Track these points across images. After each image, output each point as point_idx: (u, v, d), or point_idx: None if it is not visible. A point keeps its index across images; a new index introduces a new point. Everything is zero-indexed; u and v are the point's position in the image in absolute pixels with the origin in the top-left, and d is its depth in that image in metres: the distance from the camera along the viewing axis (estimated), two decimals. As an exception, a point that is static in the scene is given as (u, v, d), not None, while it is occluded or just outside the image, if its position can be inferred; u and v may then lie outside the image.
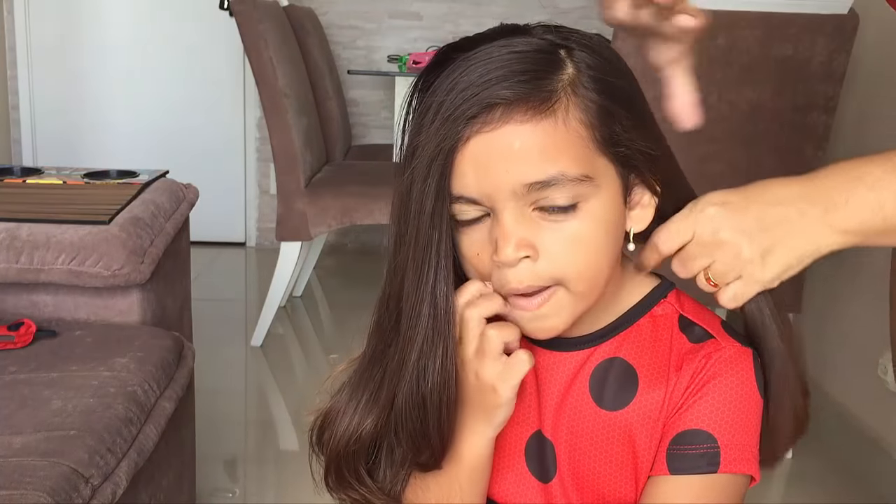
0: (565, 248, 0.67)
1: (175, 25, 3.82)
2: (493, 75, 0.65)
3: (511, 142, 0.65)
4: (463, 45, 0.68)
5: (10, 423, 1.10)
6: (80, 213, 1.51)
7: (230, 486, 1.98)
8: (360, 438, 0.75)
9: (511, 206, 0.66)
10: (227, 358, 2.67)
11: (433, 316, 0.70)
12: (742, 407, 0.71)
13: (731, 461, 0.70)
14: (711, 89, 1.95)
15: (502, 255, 0.67)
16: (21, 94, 3.84)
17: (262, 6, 2.63)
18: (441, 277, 0.69)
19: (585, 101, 0.67)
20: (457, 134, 0.65)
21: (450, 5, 3.85)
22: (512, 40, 0.68)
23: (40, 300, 1.48)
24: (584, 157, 0.66)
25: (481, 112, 0.65)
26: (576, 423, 0.76)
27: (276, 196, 2.70)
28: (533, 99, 0.65)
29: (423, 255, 0.69)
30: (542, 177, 0.65)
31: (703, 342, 0.73)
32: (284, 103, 2.59)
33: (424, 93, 0.69)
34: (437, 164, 0.66)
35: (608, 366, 0.75)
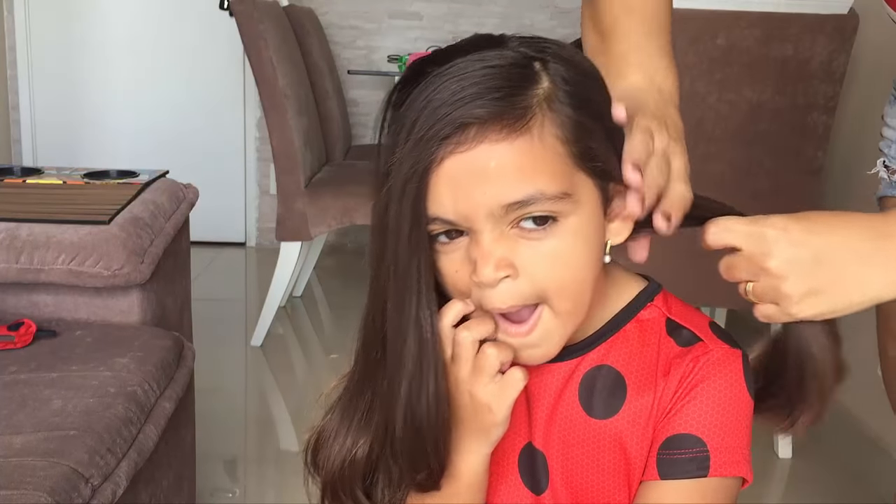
0: (545, 265, 0.66)
1: (175, 25, 3.82)
2: (466, 93, 0.63)
3: (486, 162, 0.63)
4: (436, 59, 0.67)
5: (10, 423, 1.10)
6: (80, 213, 1.51)
7: (230, 486, 1.98)
8: (354, 459, 0.75)
9: (489, 225, 0.65)
10: (227, 358, 2.67)
11: (419, 341, 0.69)
12: (731, 409, 0.70)
13: (720, 465, 0.69)
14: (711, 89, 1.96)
15: (482, 275, 0.65)
16: (21, 94, 3.84)
17: (262, 6, 2.63)
18: (424, 302, 0.68)
19: (561, 116, 0.65)
20: (430, 155, 0.64)
21: (450, 5, 3.85)
22: (485, 54, 0.66)
23: (40, 300, 1.48)
24: (561, 173, 0.65)
25: (455, 132, 0.63)
26: (567, 434, 0.75)
27: (276, 196, 2.70)
28: (507, 116, 0.63)
29: (403, 280, 0.68)
30: (519, 196, 0.64)
31: (691, 346, 0.72)
32: (284, 103, 2.59)
33: (398, 108, 0.67)
34: (412, 185, 0.65)
35: (596, 374, 0.74)
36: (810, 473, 2.07)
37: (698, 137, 1.97)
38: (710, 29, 1.92)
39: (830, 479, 2.05)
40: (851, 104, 2.20)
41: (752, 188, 2.00)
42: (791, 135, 1.96)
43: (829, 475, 2.06)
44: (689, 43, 1.92)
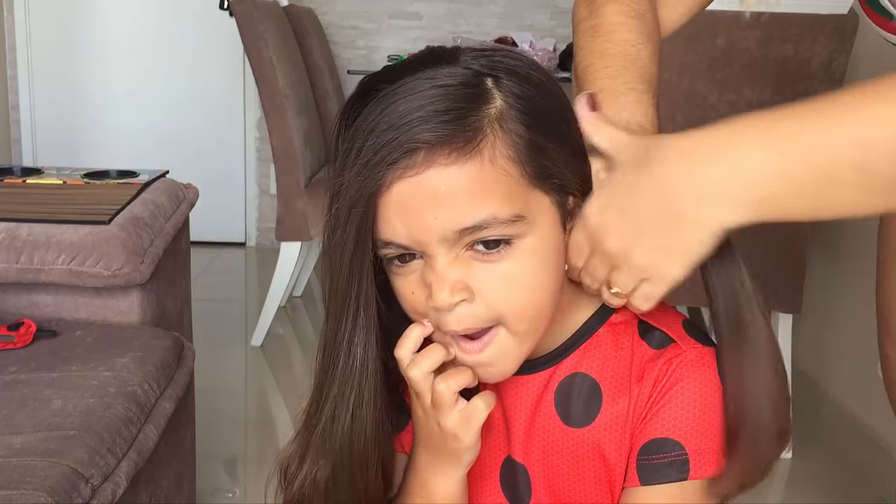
0: (502, 288, 0.65)
1: (175, 25, 3.82)
2: (414, 116, 0.61)
3: (436, 186, 0.61)
4: (386, 77, 0.65)
5: (10, 423, 1.10)
6: (80, 213, 1.51)
7: (230, 486, 1.98)
8: (314, 482, 0.74)
9: (443, 250, 0.64)
10: (227, 358, 2.67)
11: (347, 365, 0.69)
12: (707, 410, 0.69)
13: (700, 467, 0.69)
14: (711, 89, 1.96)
15: (437, 300, 0.64)
16: (21, 94, 3.84)
17: (262, 6, 2.63)
18: (359, 326, 0.68)
19: (513, 136, 0.63)
20: (378, 180, 0.62)
21: (450, 5, 3.85)
22: (436, 71, 0.64)
23: (40, 300, 1.48)
24: (514, 195, 0.63)
25: (403, 156, 0.61)
26: (546, 444, 0.75)
27: (276, 196, 2.70)
28: (457, 139, 0.61)
29: (342, 302, 0.68)
30: (471, 222, 0.62)
31: (664, 348, 0.71)
32: (284, 103, 2.59)
33: (349, 128, 0.66)
34: (357, 210, 0.64)
35: (571, 382, 0.74)
36: (810, 473, 2.07)
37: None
38: (710, 29, 1.92)
39: (830, 479, 2.05)
40: (851, 104, 2.20)
41: (752, 188, 1.99)
42: (791, 135, 1.96)
43: (829, 475, 2.06)
44: (689, 43, 1.92)
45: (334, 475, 0.73)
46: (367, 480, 0.73)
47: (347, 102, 0.67)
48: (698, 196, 0.62)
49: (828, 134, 0.58)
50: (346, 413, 0.70)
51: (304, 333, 3.03)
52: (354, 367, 0.69)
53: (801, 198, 0.60)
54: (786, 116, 0.61)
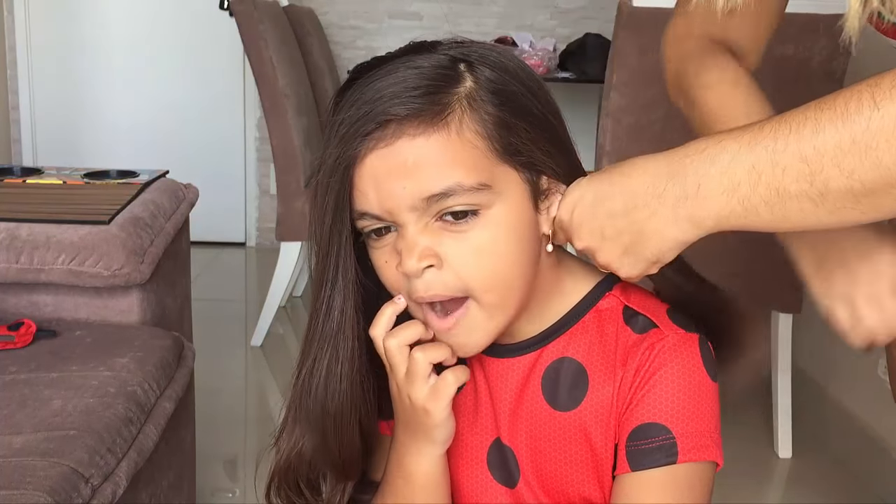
0: (470, 257, 0.68)
1: (175, 25, 3.82)
2: (387, 91, 0.66)
3: (405, 156, 0.66)
4: (372, 64, 0.70)
5: (10, 423, 1.10)
6: (80, 213, 1.51)
7: (230, 486, 1.99)
8: (300, 452, 0.77)
9: (413, 218, 0.67)
10: (227, 358, 2.67)
11: (325, 327, 0.73)
12: (692, 394, 0.71)
13: (688, 450, 0.70)
14: (711, 89, 1.95)
15: (406, 265, 0.68)
16: (21, 94, 3.84)
17: (262, 6, 2.63)
18: (337, 290, 0.72)
19: (481, 113, 0.67)
20: (353, 150, 0.67)
21: (450, 5, 3.85)
22: (415, 57, 0.69)
23: (40, 300, 1.48)
24: (480, 166, 0.67)
25: (376, 129, 0.66)
26: (532, 427, 0.76)
27: (276, 196, 2.70)
28: (426, 113, 0.66)
29: (322, 269, 0.72)
30: (437, 189, 0.66)
31: (646, 332, 0.73)
32: (284, 103, 2.59)
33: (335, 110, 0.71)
34: (335, 180, 0.68)
35: (558, 366, 0.75)
36: (810, 473, 2.07)
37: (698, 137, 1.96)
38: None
39: (830, 479, 2.05)
40: (851, 104, 2.20)
41: (752, 188, 1.99)
42: (791, 135, 1.96)
43: (829, 475, 2.06)
44: (689, 43, 1.92)
45: (312, 437, 0.76)
46: (341, 438, 0.76)
47: (339, 88, 0.72)
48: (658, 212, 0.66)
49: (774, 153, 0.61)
50: (322, 370, 0.74)
51: (304, 333, 3.02)
52: (331, 328, 0.73)
53: (754, 213, 0.63)
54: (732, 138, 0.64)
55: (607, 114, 1.96)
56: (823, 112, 0.61)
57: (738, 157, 0.63)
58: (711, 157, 0.64)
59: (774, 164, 0.61)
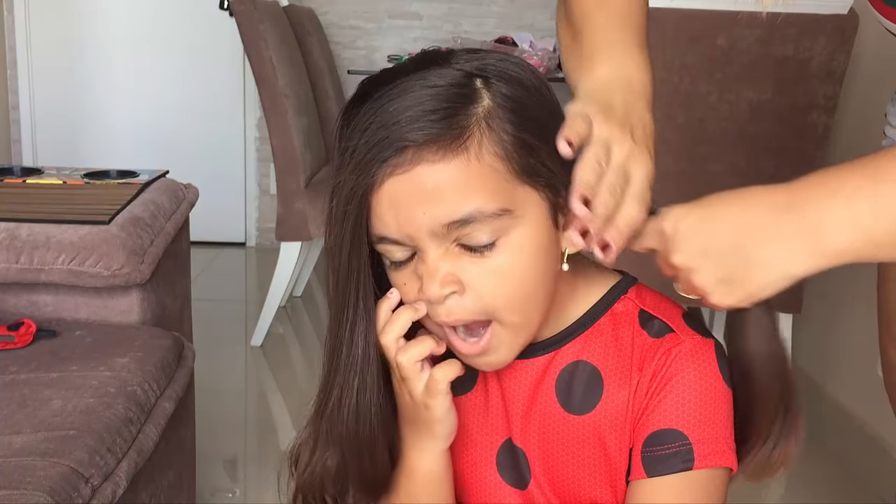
0: (491, 282, 0.67)
1: (175, 25, 3.82)
2: (404, 116, 0.64)
3: (424, 182, 0.65)
4: (383, 79, 0.68)
5: (10, 423, 1.10)
6: (80, 213, 1.51)
7: (230, 486, 1.98)
8: (325, 467, 0.77)
9: (434, 244, 0.66)
10: (227, 358, 2.67)
11: (350, 354, 0.72)
12: (708, 400, 0.71)
13: (704, 456, 0.70)
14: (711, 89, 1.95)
15: (428, 292, 0.67)
16: (21, 94, 3.84)
17: (262, 6, 2.63)
18: (360, 317, 0.71)
19: (500, 133, 0.66)
20: (370, 178, 0.66)
21: (450, 5, 3.85)
22: (428, 73, 0.67)
23: (40, 300, 1.48)
24: (501, 190, 0.66)
25: (393, 154, 0.65)
26: (545, 430, 0.76)
27: (276, 196, 2.70)
28: (444, 137, 0.64)
29: (343, 295, 0.71)
30: (458, 216, 0.65)
31: (663, 337, 0.72)
32: (284, 103, 2.59)
33: (347, 128, 0.69)
34: (353, 207, 0.67)
35: (573, 369, 0.75)
36: (810, 473, 2.07)
37: (698, 137, 1.97)
38: (710, 29, 1.92)
39: (830, 479, 2.05)
40: (851, 104, 2.20)
41: (752, 188, 1.99)
42: (791, 135, 1.96)
43: (829, 475, 2.06)
44: (689, 43, 1.92)
45: (343, 459, 0.76)
46: (376, 462, 0.76)
47: (347, 104, 0.70)
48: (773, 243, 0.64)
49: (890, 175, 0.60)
50: (351, 400, 0.73)
51: (304, 333, 3.03)
52: (356, 355, 0.72)
53: (878, 250, 0.62)
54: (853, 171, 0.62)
55: (607, 114, 1.96)
56: None
57: (862, 190, 0.62)
58: (833, 191, 0.63)
59: None
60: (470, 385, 0.80)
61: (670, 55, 1.91)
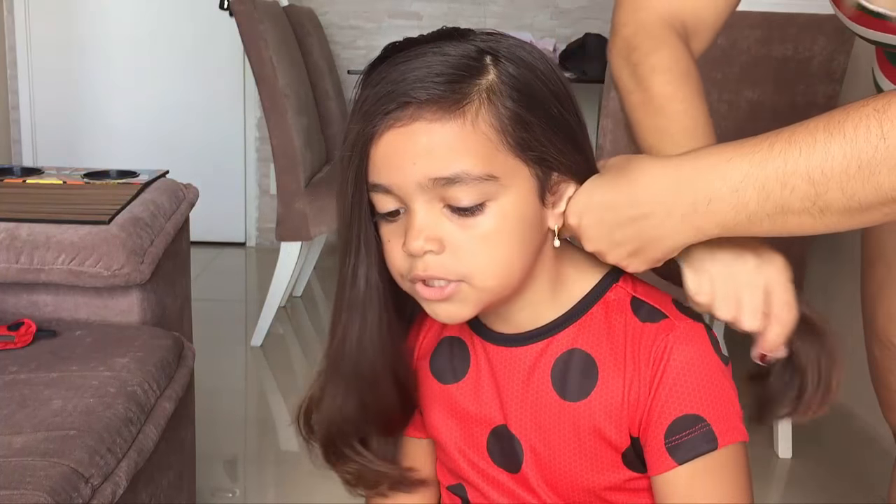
0: (472, 245, 0.70)
1: (175, 25, 3.82)
2: (412, 75, 0.68)
3: (419, 138, 0.68)
4: (403, 45, 0.72)
5: (10, 423, 1.10)
6: (80, 213, 1.51)
7: (230, 486, 1.99)
8: (343, 413, 0.80)
9: (421, 199, 0.70)
10: (227, 358, 2.67)
11: (352, 295, 0.76)
12: (713, 379, 0.73)
13: (724, 433, 0.72)
14: (711, 89, 1.95)
15: (410, 245, 0.70)
16: (21, 94, 3.84)
17: (262, 6, 2.63)
18: (361, 260, 0.75)
19: (499, 107, 0.69)
20: (373, 127, 0.70)
21: (450, 5, 3.85)
22: (444, 44, 0.71)
23: (40, 300, 1.48)
24: (490, 157, 0.69)
25: (396, 108, 0.68)
26: (540, 417, 0.78)
27: (276, 196, 2.70)
28: (445, 100, 0.68)
29: (346, 239, 0.76)
30: (445, 173, 0.68)
31: (658, 322, 0.75)
32: (284, 103, 2.59)
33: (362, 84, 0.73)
34: (356, 154, 0.71)
35: (568, 357, 0.77)
36: (810, 473, 2.07)
37: (698, 137, 1.97)
38: (710, 29, 1.92)
39: (830, 479, 2.05)
40: (851, 104, 2.20)
41: (752, 188, 1.99)
42: (791, 135, 1.96)
43: (829, 475, 2.07)
44: (689, 43, 1.92)
45: (351, 399, 0.80)
46: (380, 397, 0.80)
47: (369, 64, 0.73)
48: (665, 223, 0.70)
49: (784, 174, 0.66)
50: (353, 336, 0.77)
51: (304, 333, 3.03)
52: (358, 295, 0.77)
53: (757, 224, 0.68)
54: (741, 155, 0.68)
55: (607, 114, 1.96)
56: (833, 137, 0.64)
57: (750, 175, 0.67)
58: (722, 175, 0.67)
59: (783, 185, 0.65)
60: (462, 374, 0.82)
61: (670, 55, 1.91)
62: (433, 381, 0.84)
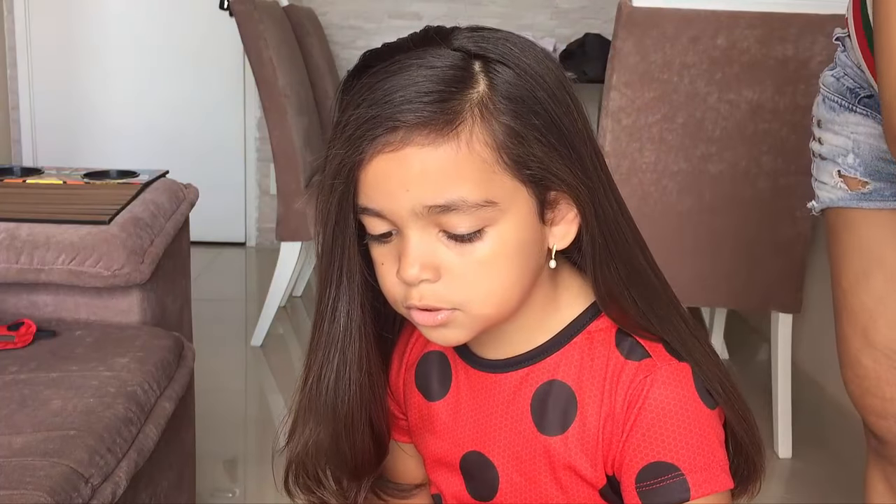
0: (469, 272, 0.66)
1: (175, 25, 3.82)
2: (397, 95, 0.63)
3: (411, 164, 0.63)
4: (383, 53, 0.67)
5: (10, 423, 1.10)
6: (80, 213, 1.51)
7: (230, 486, 1.98)
8: (316, 442, 0.77)
9: (415, 225, 0.65)
10: (227, 358, 2.67)
11: (331, 331, 0.72)
12: (692, 426, 0.69)
13: (699, 484, 0.68)
14: (711, 89, 1.95)
15: (405, 273, 0.66)
16: (21, 94, 3.84)
17: (262, 6, 2.63)
18: (342, 293, 0.71)
19: (493, 122, 0.64)
20: (359, 153, 0.65)
21: (450, 5, 3.85)
22: (426, 52, 0.65)
23: (40, 300, 1.48)
24: (487, 180, 0.64)
25: (383, 133, 0.63)
26: (517, 446, 0.75)
27: (276, 196, 2.70)
28: (436, 121, 0.63)
29: (326, 270, 0.71)
30: (441, 201, 0.64)
31: (639, 361, 0.71)
32: (284, 103, 2.59)
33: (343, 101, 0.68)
34: (339, 182, 0.66)
35: (548, 388, 0.73)
36: (810, 473, 2.07)
37: (698, 137, 1.97)
38: (710, 29, 1.92)
39: (830, 479, 2.05)
40: (851, 104, 2.20)
41: (752, 188, 2.00)
42: (791, 135, 1.96)
43: (829, 475, 2.06)
44: (689, 43, 1.92)
45: (323, 437, 0.76)
46: (354, 441, 0.76)
47: (346, 76, 0.68)
48: None
49: None
50: (331, 375, 0.73)
51: (304, 333, 3.02)
52: (338, 331, 0.72)
53: None
54: None
55: (607, 114, 1.96)
56: None
57: None
58: None
59: None
60: (442, 393, 0.79)
61: (670, 55, 1.92)
62: (416, 394, 0.81)
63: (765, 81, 1.94)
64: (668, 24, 1.90)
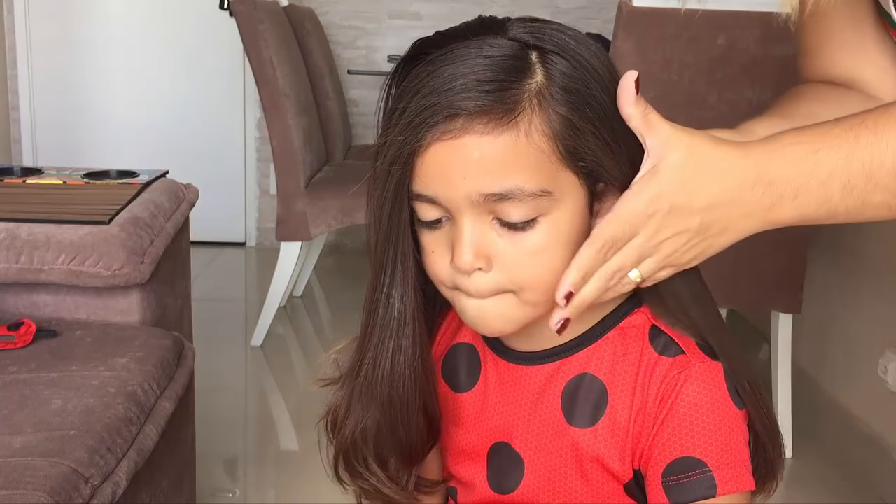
0: (522, 260, 0.67)
1: (175, 25, 3.82)
2: (458, 83, 0.64)
3: (470, 152, 0.64)
4: (437, 41, 0.68)
5: (10, 423, 1.10)
6: (80, 213, 1.51)
7: (230, 486, 1.98)
8: (365, 429, 0.77)
9: (470, 213, 0.66)
10: (227, 358, 2.67)
11: (386, 316, 0.72)
12: (723, 424, 0.70)
13: (726, 482, 0.69)
14: (711, 89, 1.95)
15: (459, 261, 0.67)
16: (21, 94, 3.84)
17: (262, 6, 2.63)
18: (397, 280, 0.72)
19: (550, 113, 0.65)
20: (417, 140, 0.65)
21: (450, 5, 3.85)
22: (484, 41, 0.66)
23: (40, 300, 1.48)
24: (544, 170, 0.65)
25: (443, 120, 0.64)
26: (545, 439, 0.76)
27: (276, 196, 2.70)
28: (495, 110, 0.64)
29: (381, 257, 0.71)
30: (498, 189, 0.65)
31: (673, 357, 0.71)
32: (284, 103, 2.59)
33: (396, 89, 0.68)
34: (397, 168, 0.67)
35: (579, 382, 0.74)
36: (810, 473, 2.07)
37: (698, 137, 1.97)
38: (710, 29, 1.92)
39: (830, 479, 2.05)
40: (851, 104, 2.20)
41: (752, 188, 1.99)
42: (791, 135, 1.96)
43: (829, 475, 2.06)
44: (689, 43, 1.92)
45: (378, 422, 0.76)
46: (409, 426, 0.76)
47: (398, 64, 0.69)
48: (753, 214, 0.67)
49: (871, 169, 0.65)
50: (386, 361, 0.73)
51: (304, 333, 3.03)
52: (392, 317, 0.73)
53: (834, 217, 0.67)
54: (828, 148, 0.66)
55: (607, 114, 1.96)
56: None
57: (836, 172, 0.65)
58: (810, 170, 0.66)
59: (868, 180, 0.65)
60: (471, 384, 0.80)
61: (670, 55, 1.92)
62: (442, 385, 0.82)
63: (765, 81, 1.94)
64: (668, 24, 1.90)
